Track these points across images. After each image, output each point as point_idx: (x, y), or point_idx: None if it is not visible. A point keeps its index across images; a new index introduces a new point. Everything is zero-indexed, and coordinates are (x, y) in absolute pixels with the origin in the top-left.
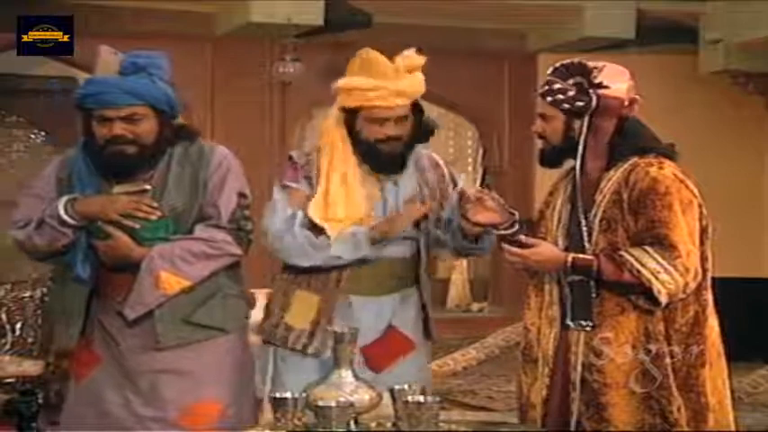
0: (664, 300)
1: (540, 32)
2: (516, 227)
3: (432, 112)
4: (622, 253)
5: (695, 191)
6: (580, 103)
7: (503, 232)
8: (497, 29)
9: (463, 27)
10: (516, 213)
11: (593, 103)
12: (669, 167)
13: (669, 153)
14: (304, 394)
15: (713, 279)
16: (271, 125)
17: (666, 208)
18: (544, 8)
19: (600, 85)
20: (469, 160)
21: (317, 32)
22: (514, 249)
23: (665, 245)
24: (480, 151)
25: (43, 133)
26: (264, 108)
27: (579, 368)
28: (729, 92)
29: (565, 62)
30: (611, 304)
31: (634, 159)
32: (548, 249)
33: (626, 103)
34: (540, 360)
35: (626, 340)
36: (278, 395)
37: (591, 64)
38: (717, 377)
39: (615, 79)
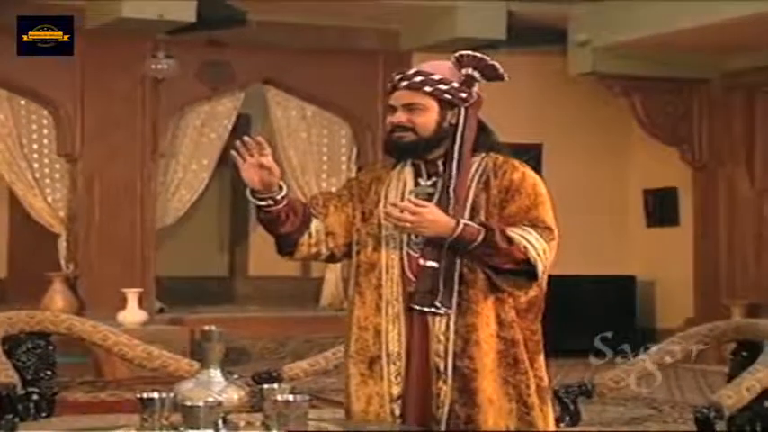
0: (540, 278)
1: (413, 32)
2: (273, 202)
3: (306, 110)
4: (504, 229)
5: None
6: (463, 95)
7: (256, 201)
8: (371, 28)
9: (337, 26)
10: (285, 188)
11: (474, 95)
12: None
13: (512, 155)
14: (171, 394)
15: (576, 276)
16: (143, 122)
17: (538, 196)
18: (416, 8)
19: (498, 77)
20: (343, 158)
21: (190, 29)
22: (411, 206)
23: (541, 227)
24: (354, 150)
25: None
26: (136, 105)
27: (450, 356)
28: (596, 93)
29: (463, 53)
30: (474, 291)
31: (490, 154)
32: (438, 211)
33: (481, 100)
34: (385, 359)
35: (486, 326)
36: (145, 395)
37: (487, 57)
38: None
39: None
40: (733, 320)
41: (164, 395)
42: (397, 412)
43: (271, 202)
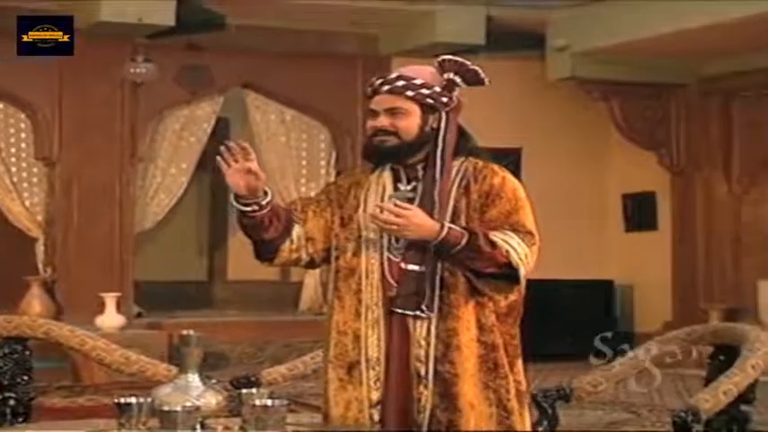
0: (522, 282)
1: (392, 37)
2: (258, 207)
3: (285, 114)
4: (487, 233)
5: None
6: (445, 99)
7: (241, 206)
8: (350, 32)
9: (316, 30)
10: (270, 193)
11: (455, 99)
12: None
13: (490, 159)
14: (149, 399)
15: (555, 280)
16: (121, 126)
17: (518, 200)
18: (396, 12)
19: (479, 82)
20: (322, 163)
21: (169, 33)
22: (393, 207)
23: (522, 231)
24: (333, 154)
25: None
26: (115, 108)
27: (431, 361)
28: (575, 98)
29: (445, 57)
30: (455, 295)
31: (470, 158)
32: (423, 214)
33: (462, 105)
34: (364, 364)
35: (467, 330)
36: (123, 400)
37: (469, 62)
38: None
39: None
40: (711, 324)
41: (141, 400)
42: (376, 418)
43: (255, 208)
